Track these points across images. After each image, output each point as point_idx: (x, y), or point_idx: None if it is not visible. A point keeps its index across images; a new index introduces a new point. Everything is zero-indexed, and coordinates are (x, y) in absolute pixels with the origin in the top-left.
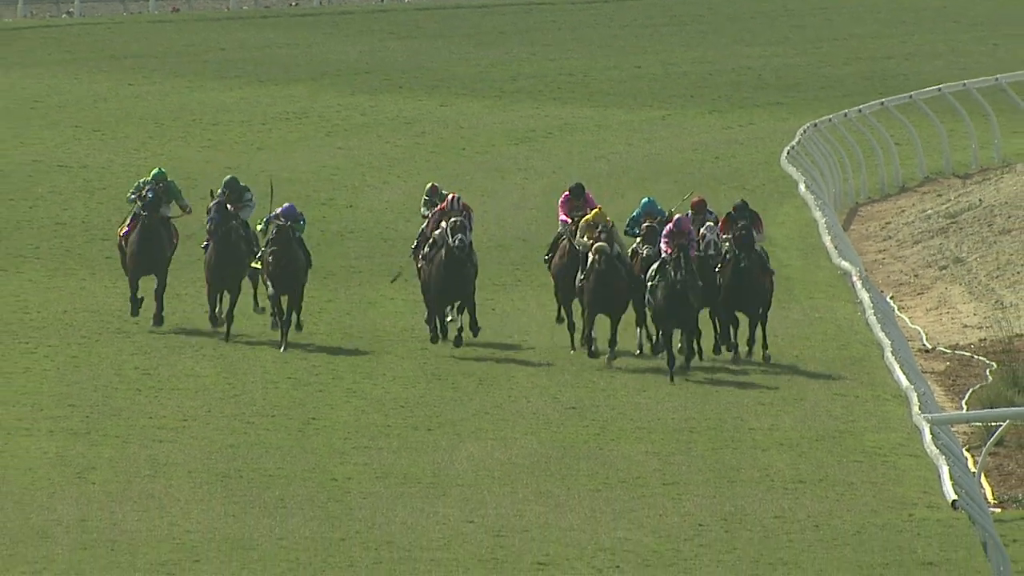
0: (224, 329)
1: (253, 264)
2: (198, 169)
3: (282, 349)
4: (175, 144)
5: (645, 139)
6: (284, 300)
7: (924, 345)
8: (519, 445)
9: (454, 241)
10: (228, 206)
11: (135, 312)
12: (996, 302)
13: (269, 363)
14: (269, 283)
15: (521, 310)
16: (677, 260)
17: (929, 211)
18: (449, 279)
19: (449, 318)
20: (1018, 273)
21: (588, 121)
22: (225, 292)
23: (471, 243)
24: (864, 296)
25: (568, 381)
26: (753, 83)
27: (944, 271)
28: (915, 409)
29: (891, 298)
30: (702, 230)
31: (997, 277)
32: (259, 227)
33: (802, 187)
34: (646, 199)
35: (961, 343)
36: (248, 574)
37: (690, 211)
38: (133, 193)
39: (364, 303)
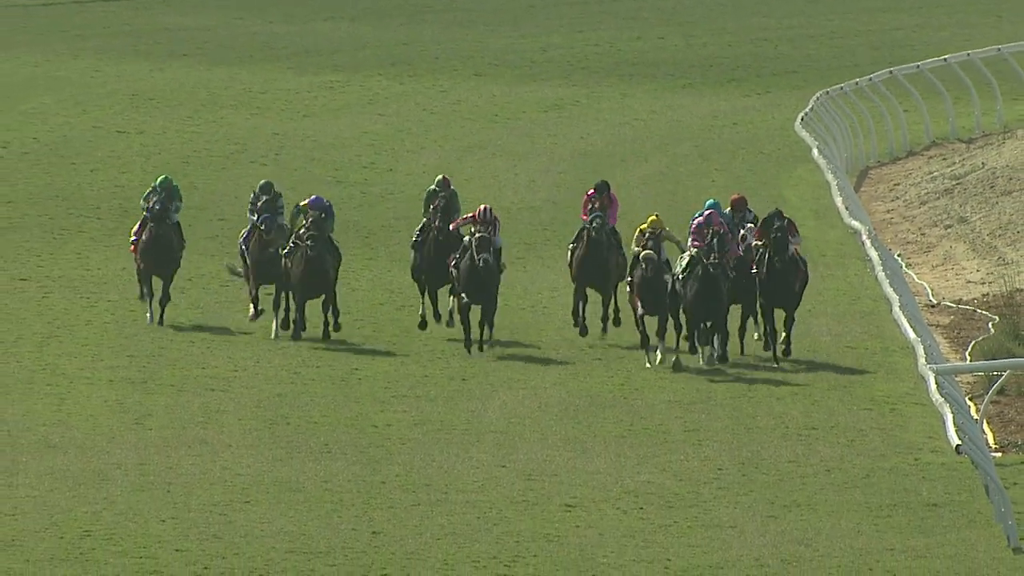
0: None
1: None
2: (247, 135)
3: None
4: (226, 111)
5: (667, 106)
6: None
7: (930, 300)
8: (548, 394)
9: (479, 260)
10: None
11: (151, 321)
12: (998, 259)
13: (315, 318)
14: (292, 288)
15: (550, 267)
16: (710, 248)
17: (935, 174)
18: (473, 286)
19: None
20: (1019, 232)
21: (613, 90)
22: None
23: (499, 249)
24: (873, 254)
25: (594, 335)
26: (770, 54)
27: (949, 230)
28: (921, 360)
29: (899, 256)
30: (743, 231)
31: (999, 235)
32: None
33: (815, 151)
34: (710, 200)
35: (965, 298)
36: (295, 514)
37: (729, 208)
38: (145, 202)
39: (403, 261)
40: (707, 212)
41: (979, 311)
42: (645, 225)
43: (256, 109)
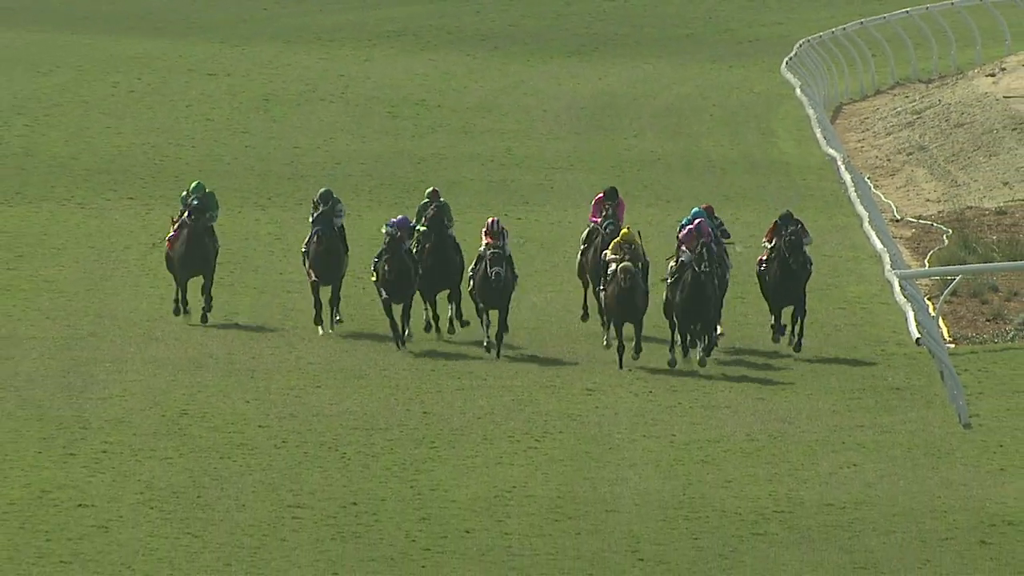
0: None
1: (372, 278)
2: (317, 76)
3: (400, 345)
4: (299, 56)
5: (671, 52)
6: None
7: (895, 216)
8: (572, 297)
9: (492, 274)
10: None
11: (176, 312)
12: (951, 181)
13: (375, 239)
14: (383, 290)
15: (573, 188)
16: (700, 256)
17: (899, 109)
18: (489, 295)
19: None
20: (969, 158)
21: (626, 38)
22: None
23: (509, 255)
24: (847, 177)
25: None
26: (757, 6)
27: (911, 157)
28: (887, 267)
29: (868, 178)
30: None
31: (952, 161)
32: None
33: (798, 90)
34: (696, 208)
35: (924, 214)
36: (358, 396)
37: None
38: (183, 205)
39: (449, 183)
40: (697, 220)
41: (936, 225)
42: (619, 239)
43: (325, 54)
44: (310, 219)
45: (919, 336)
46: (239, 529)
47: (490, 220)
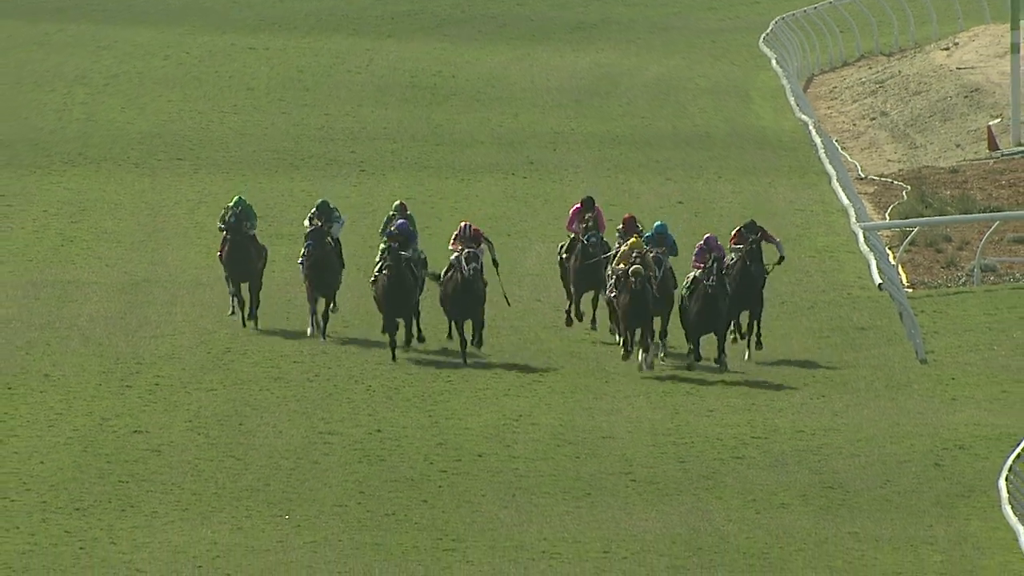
0: (320, 328)
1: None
2: (344, 50)
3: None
4: (329, 33)
5: (662, 28)
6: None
7: (859, 174)
8: None
9: (468, 271)
10: (321, 226)
11: (239, 318)
12: (910, 143)
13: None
14: (382, 303)
15: (573, 150)
16: (709, 271)
17: (864, 79)
18: (462, 301)
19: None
20: (926, 123)
21: (622, 16)
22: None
23: (482, 267)
24: (817, 140)
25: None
26: None
27: (874, 121)
28: (853, 219)
29: (836, 141)
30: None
31: (911, 126)
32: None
33: (774, 62)
34: (658, 223)
35: (885, 172)
36: (383, 337)
37: (620, 226)
38: (221, 223)
39: (462, 145)
40: (707, 236)
41: (896, 182)
42: (626, 247)
43: (352, 31)
44: (306, 227)
45: (881, 281)
46: (276, 453)
47: (462, 224)
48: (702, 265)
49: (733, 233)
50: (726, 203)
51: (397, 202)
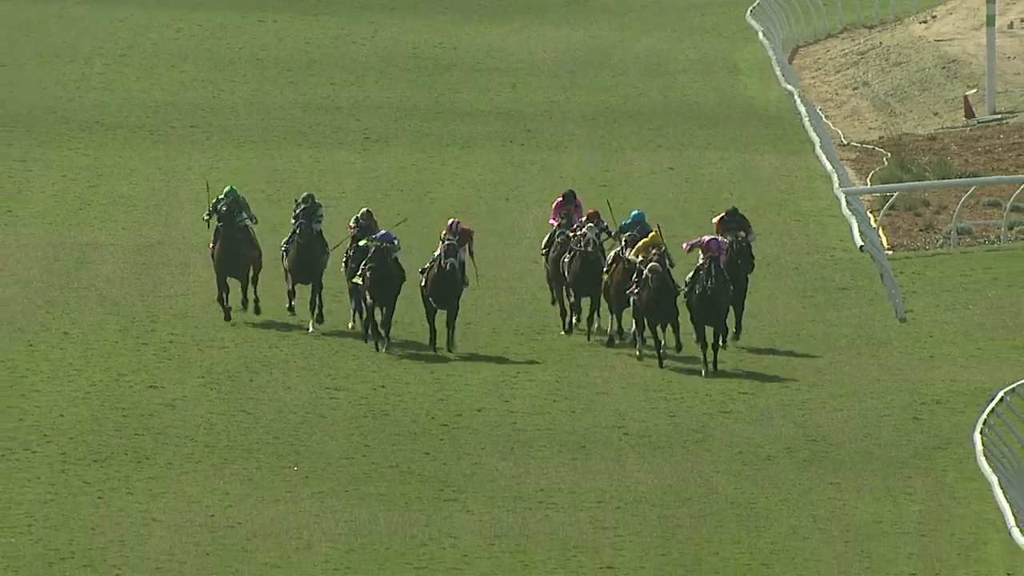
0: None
1: (355, 280)
2: (350, 22)
3: (383, 349)
4: (335, 5)
5: (653, 3)
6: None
7: (842, 141)
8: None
9: (446, 264)
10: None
11: (227, 317)
12: (890, 112)
13: (400, 167)
14: (367, 295)
15: (568, 117)
16: (708, 272)
17: (846, 50)
18: (440, 292)
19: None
20: (905, 93)
21: None
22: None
23: (463, 263)
24: (802, 108)
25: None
26: None
27: (856, 91)
28: (835, 184)
29: (820, 109)
30: (584, 230)
31: (891, 95)
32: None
33: (761, 35)
34: (636, 211)
35: (867, 140)
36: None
37: (584, 218)
38: (207, 213)
39: (462, 114)
40: (710, 239)
41: (876, 149)
42: (647, 240)
43: (357, 3)
44: (292, 219)
45: (862, 244)
46: (285, 407)
47: (450, 221)
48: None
49: (716, 221)
50: (715, 169)
51: (364, 209)
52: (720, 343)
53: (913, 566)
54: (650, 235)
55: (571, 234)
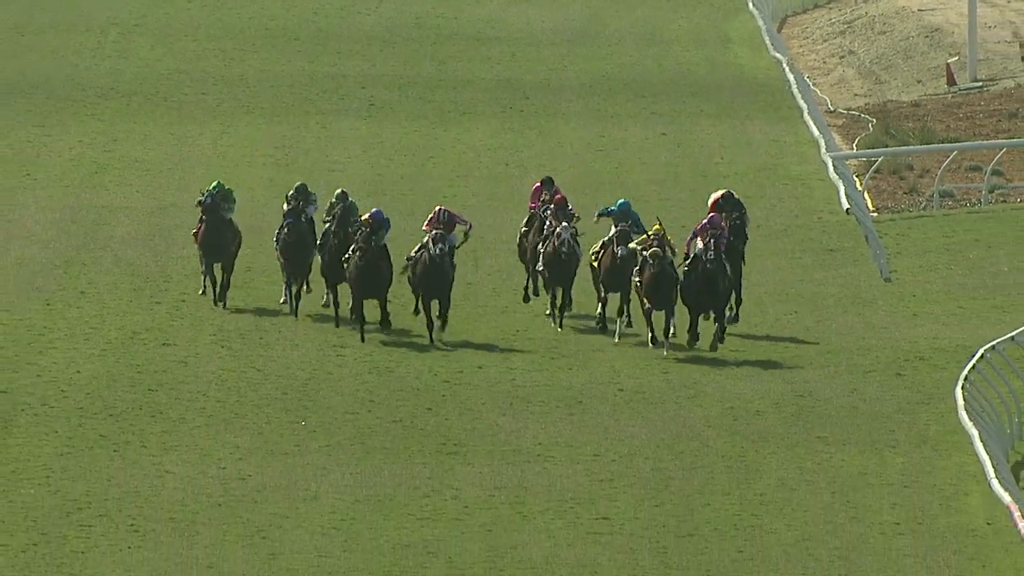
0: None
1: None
2: (372, 6)
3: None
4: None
5: None
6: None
7: (829, 108)
8: (568, 158)
9: (435, 250)
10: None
11: (210, 297)
12: (875, 79)
13: (404, 133)
14: (351, 288)
15: (566, 86)
16: (707, 247)
17: (833, 20)
18: (429, 281)
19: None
20: (890, 61)
21: None
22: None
23: (452, 248)
24: (790, 76)
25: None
26: None
27: (843, 59)
28: (823, 149)
29: (807, 77)
30: (558, 229)
31: (876, 63)
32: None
33: (750, 5)
34: (622, 200)
35: (853, 106)
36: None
37: (553, 206)
38: (199, 202)
39: (464, 81)
40: (710, 216)
41: (862, 115)
42: (651, 233)
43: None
44: (283, 209)
45: (848, 207)
46: (293, 364)
47: (437, 208)
48: (704, 241)
49: (711, 204)
50: (706, 135)
51: (339, 190)
52: (719, 337)
53: (897, 516)
54: (654, 228)
55: (550, 223)
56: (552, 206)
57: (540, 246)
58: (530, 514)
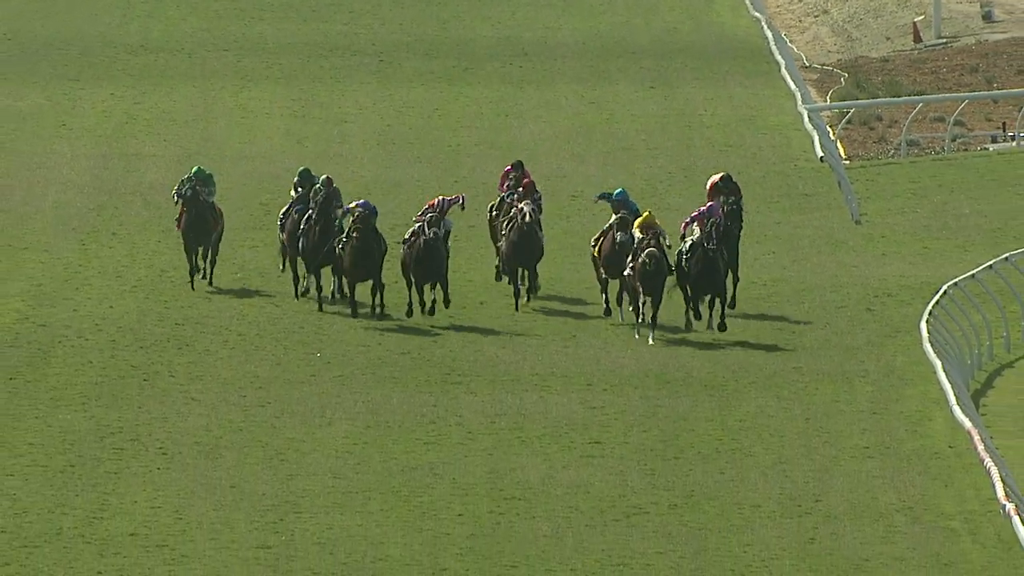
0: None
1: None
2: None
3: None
4: None
5: None
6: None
7: (804, 63)
8: (567, 134)
9: (429, 233)
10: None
11: (192, 283)
12: (848, 37)
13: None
14: (344, 272)
15: (566, 52)
16: (709, 235)
17: None
18: (424, 264)
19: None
20: (861, 20)
21: None
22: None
23: (447, 233)
24: (768, 33)
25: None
26: None
27: (817, 18)
28: (799, 102)
29: (784, 35)
30: (521, 204)
31: (848, 21)
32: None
33: None
34: (620, 189)
35: (826, 62)
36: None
37: (521, 189)
38: (177, 191)
39: (470, 58)
40: (709, 204)
41: (835, 70)
42: (641, 220)
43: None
44: (292, 194)
45: (823, 155)
46: (309, 300)
47: (437, 198)
48: (703, 229)
49: (709, 186)
50: (691, 88)
51: (324, 176)
52: (720, 321)
53: (866, 440)
54: (644, 216)
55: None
56: (520, 189)
57: (503, 228)
58: (528, 439)
